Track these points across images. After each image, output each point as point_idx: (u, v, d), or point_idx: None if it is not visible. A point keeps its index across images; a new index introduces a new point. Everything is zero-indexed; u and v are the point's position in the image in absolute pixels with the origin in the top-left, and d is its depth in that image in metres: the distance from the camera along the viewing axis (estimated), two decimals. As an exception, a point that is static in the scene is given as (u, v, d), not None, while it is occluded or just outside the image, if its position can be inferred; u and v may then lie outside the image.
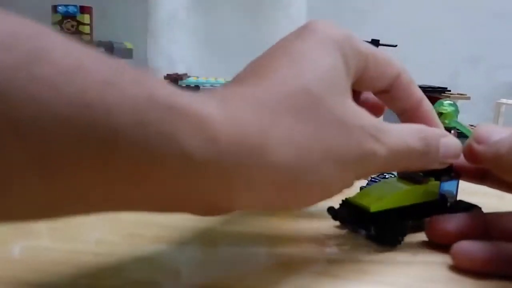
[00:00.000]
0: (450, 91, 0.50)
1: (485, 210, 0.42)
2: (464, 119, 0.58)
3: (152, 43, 0.65)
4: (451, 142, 0.29)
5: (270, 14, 0.66)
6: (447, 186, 0.34)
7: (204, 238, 0.32)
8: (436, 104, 0.35)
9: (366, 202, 0.32)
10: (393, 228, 0.31)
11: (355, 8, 0.66)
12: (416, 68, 0.65)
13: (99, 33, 0.57)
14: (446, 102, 0.35)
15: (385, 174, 0.45)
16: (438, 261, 0.30)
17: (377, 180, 0.44)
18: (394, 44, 0.58)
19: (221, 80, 0.56)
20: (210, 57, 0.68)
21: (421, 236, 0.34)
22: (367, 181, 0.45)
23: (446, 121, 0.35)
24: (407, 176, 0.34)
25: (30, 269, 0.27)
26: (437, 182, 0.34)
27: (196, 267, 0.28)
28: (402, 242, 0.31)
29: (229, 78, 0.57)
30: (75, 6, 0.53)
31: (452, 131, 0.35)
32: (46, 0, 0.60)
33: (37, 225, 0.34)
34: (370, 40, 0.59)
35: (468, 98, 0.48)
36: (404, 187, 0.34)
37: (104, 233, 0.33)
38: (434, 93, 0.50)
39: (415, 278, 0.27)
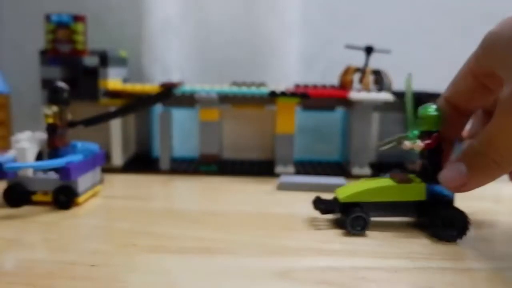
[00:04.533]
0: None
1: (481, 213, 0.42)
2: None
3: (147, 51, 0.65)
4: None
5: (265, 21, 0.66)
6: (441, 188, 0.34)
7: (199, 247, 0.32)
8: (421, 108, 0.35)
9: (340, 193, 0.36)
10: (352, 219, 0.34)
11: (350, 13, 0.66)
12: (411, 73, 0.65)
13: (92, 42, 0.57)
14: (431, 107, 0.35)
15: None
16: (435, 266, 0.30)
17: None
18: (388, 49, 0.59)
19: (216, 87, 0.56)
20: (205, 64, 0.68)
21: (420, 243, 0.34)
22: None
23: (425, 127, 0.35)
24: (395, 176, 0.36)
25: (25, 282, 0.26)
26: (423, 184, 0.35)
27: (192, 276, 0.28)
28: (361, 232, 0.34)
29: (224, 86, 0.57)
30: (68, 15, 0.53)
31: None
32: (39, 9, 0.60)
33: (31, 236, 0.34)
34: (364, 46, 0.59)
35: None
36: (380, 184, 0.36)
37: (98, 243, 0.33)
38: (429, 98, 0.50)
39: (414, 285, 0.27)
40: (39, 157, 0.42)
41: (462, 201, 0.37)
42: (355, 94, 0.53)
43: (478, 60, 0.32)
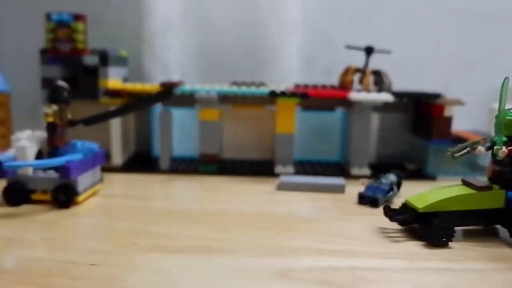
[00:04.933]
0: (445, 97, 0.50)
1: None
2: (459, 124, 0.58)
3: (147, 51, 0.65)
4: None
5: (265, 21, 0.66)
6: None
7: (199, 247, 0.32)
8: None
9: (417, 203, 0.34)
10: (437, 230, 0.33)
11: (350, 14, 0.66)
12: (410, 74, 0.65)
13: (93, 41, 0.57)
14: None
15: (382, 179, 0.45)
16: (434, 267, 0.30)
17: (374, 186, 0.44)
18: (388, 50, 0.59)
19: (216, 87, 0.56)
20: (205, 64, 0.68)
21: (418, 244, 0.34)
22: (365, 187, 0.44)
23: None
24: (470, 182, 0.35)
25: (25, 281, 0.26)
26: (502, 191, 0.34)
27: (192, 276, 0.28)
28: (448, 243, 0.33)
29: (224, 85, 0.57)
30: (69, 14, 0.53)
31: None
32: (40, 8, 0.60)
33: (30, 235, 0.34)
34: (365, 47, 0.59)
35: (463, 103, 0.48)
36: (460, 192, 0.34)
37: (98, 242, 0.33)
38: (429, 99, 0.51)
39: (412, 285, 0.27)
40: (39, 155, 0.42)
41: None
42: (355, 95, 0.53)
43: None
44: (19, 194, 0.40)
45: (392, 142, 0.60)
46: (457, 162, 0.57)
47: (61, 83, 0.42)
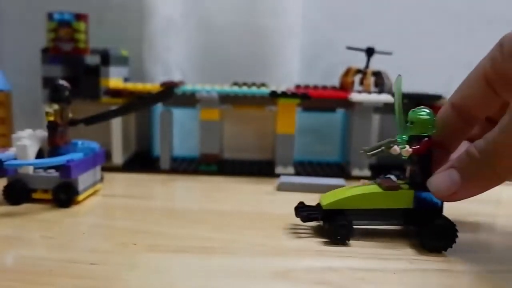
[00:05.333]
0: (446, 98, 0.50)
1: (483, 216, 0.42)
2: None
3: (148, 50, 0.65)
4: None
5: (266, 22, 0.66)
6: (430, 196, 0.33)
7: (199, 247, 0.32)
8: (411, 112, 0.33)
9: (325, 200, 0.35)
10: (335, 227, 0.33)
11: (350, 15, 0.66)
12: (411, 75, 0.64)
13: (94, 41, 0.57)
14: (423, 110, 0.33)
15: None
16: (433, 268, 0.30)
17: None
18: (389, 51, 0.59)
19: (217, 87, 0.56)
20: (206, 64, 0.68)
21: (419, 244, 0.34)
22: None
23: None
24: (384, 182, 0.35)
25: (26, 280, 0.27)
26: (411, 191, 0.34)
27: (191, 276, 0.28)
28: (343, 241, 0.33)
29: (225, 85, 0.57)
30: (70, 13, 0.53)
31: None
32: (41, 7, 0.60)
33: (31, 234, 0.34)
34: (365, 48, 0.59)
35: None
36: (365, 191, 0.34)
37: (98, 241, 0.33)
38: (430, 100, 0.50)
39: (411, 285, 0.27)
40: (40, 155, 0.42)
41: (463, 204, 0.36)
42: (355, 95, 0.53)
43: (495, 63, 0.30)
44: (20, 193, 0.40)
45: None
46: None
47: (62, 82, 0.42)
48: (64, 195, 0.40)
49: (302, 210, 0.35)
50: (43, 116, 0.42)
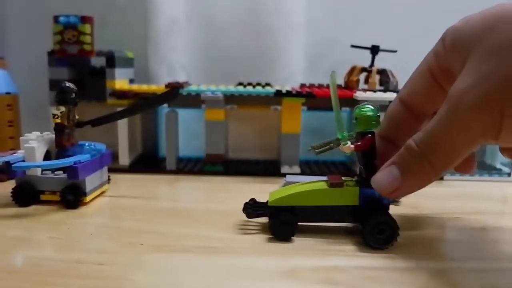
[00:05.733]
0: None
1: (488, 213, 0.42)
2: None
3: (153, 52, 0.66)
4: None
5: (270, 21, 0.66)
6: (374, 192, 0.32)
7: (205, 246, 0.32)
8: (356, 108, 0.33)
9: (272, 197, 0.34)
10: (278, 224, 0.33)
11: (355, 14, 0.66)
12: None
13: (99, 43, 0.58)
14: (366, 106, 0.32)
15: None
16: (440, 267, 0.30)
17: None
18: (394, 49, 0.58)
19: (222, 87, 0.56)
20: (211, 64, 0.68)
21: (425, 243, 0.34)
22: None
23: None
24: (332, 178, 0.34)
25: (34, 280, 0.27)
26: (357, 188, 0.33)
27: (198, 275, 0.28)
28: (286, 238, 0.33)
29: (230, 86, 0.57)
30: (76, 16, 0.53)
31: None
32: (47, 10, 0.60)
33: (39, 235, 0.34)
34: (370, 46, 0.59)
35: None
36: (309, 188, 0.34)
37: (105, 242, 0.33)
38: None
39: (419, 285, 0.27)
40: (47, 156, 0.43)
41: (470, 201, 0.36)
42: (360, 94, 0.53)
43: (438, 57, 0.30)
44: (28, 194, 0.41)
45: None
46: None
47: (69, 84, 0.42)
48: (72, 197, 0.40)
49: (249, 207, 0.35)
50: (50, 118, 0.42)
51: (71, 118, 0.42)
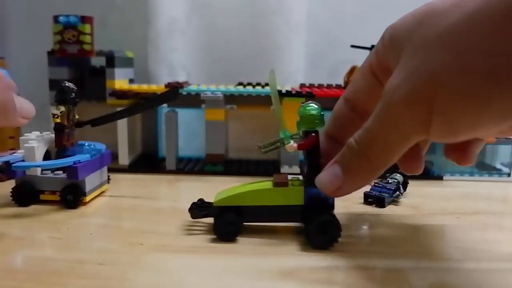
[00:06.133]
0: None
1: (488, 214, 0.42)
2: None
3: (153, 52, 0.66)
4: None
5: (270, 21, 0.66)
6: (319, 192, 0.31)
7: (205, 246, 0.32)
8: (301, 107, 0.33)
9: (218, 196, 0.34)
10: (221, 225, 0.33)
11: (355, 14, 0.66)
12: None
13: (99, 43, 0.58)
14: (310, 105, 0.32)
15: (388, 179, 0.45)
16: (442, 267, 0.30)
17: (380, 185, 0.44)
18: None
19: (222, 87, 0.56)
20: (211, 64, 0.68)
21: (425, 243, 0.34)
22: (371, 186, 0.44)
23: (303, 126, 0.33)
24: (277, 178, 0.34)
25: (35, 280, 0.27)
26: (301, 187, 0.33)
27: (198, 275, 0.28)
28: (230, 238, 0.33)
29: (230, 85, 0.57)
30: (76, 16, 0.53)
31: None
32: (47, 10, 0.61)
33: (39, 235, 0.34)
34: (370, 46, 0.59)
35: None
36: (254, 188, 0.34)
37: (106, 242, 0.33)
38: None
39: (419, 285, 0.27)
40: (47, 156, 0.43)
41: (470, 202, 0.36)
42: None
43: (378, 56, 0.30)
44: (28, 194, 0.41)
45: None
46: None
47: (69, 84, 0.42)
48: (72, 196, 0.40)
49: (195, 207, 0.35)
50: (50, 118, 0.42)
51: (71, 118, 0.42)
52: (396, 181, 0.45)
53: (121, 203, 0.43)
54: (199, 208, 0.35)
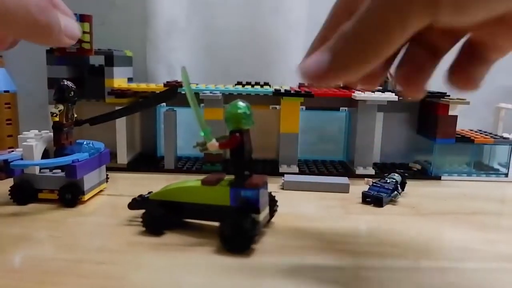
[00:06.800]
0: (449, 96, 0.50)
1: (487, 214, 0.42)
2: (465, 124, 0.58)
3: (152, 51, 0.66)
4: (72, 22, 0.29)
5: (270, 21, 0.66)
6: (248, 194, 0.31)
7: (204, 245, 0.32)
8: (231, 106, 0.33)
9: (155, 191, 0.35)
10: (148, 218, 0.34)
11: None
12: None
13: (98, 41, 0.58)
14: (237, 105, 0.32)
15: (386, 179, 0.45)
16: (439, 267, 0.30)
17: (379, 185, 0.44)
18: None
19: (221, 86, 0.56)
20: (209, 64, 0.68)
21: (423, 243, 0.34)
22: (369, 186, 0.45)
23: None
24: (210, 177, 0.34)
25: (35, 280, 0.27)
26: (227, 187, 0.32)
27: (197, 274, 0.28)
28: (157, 232, 0.34)
29: (229, 85, 0.57)
30: (75, 14, 0.53)
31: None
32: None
33: (38, 233, 0.34)
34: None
35: (468, 103, 0.48)
36: (183, 184, 0.34)
37: (104, 240, 0.33)
38: (433, 98, 0.50)
39: (418, 284, 0.27)
40: (45, 155, 0.42)
41: (467, 201, 0.36)
42: (359, 94, 0.53)
43: None
44: (26, 193, 0.41)
45: (396, 142, 0.60)
46: (461, 162, 0.57)
47: (67, 83, 0.42)
48: (70, 195, 0.40)
49: (135, 201, 0.36)
50: (49, 116, 0.42)
51: (70, 117, 0.42)
52: (394, 181, 0.45)
53: (119, 201, 0.43)
54: (137, 202, 0.36)
